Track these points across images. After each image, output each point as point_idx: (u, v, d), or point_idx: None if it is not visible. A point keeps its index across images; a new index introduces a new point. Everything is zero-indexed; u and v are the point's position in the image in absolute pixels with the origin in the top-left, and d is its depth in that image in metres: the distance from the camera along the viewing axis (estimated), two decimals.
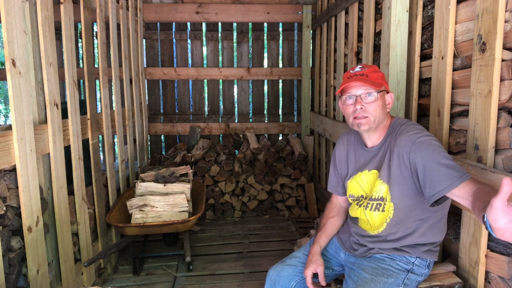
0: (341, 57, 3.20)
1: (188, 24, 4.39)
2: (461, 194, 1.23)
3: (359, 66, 1.51)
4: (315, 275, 1.58)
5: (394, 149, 1.44)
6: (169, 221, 2.52)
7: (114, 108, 3.04)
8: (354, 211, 1.61)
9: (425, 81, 2.04)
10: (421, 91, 2.07)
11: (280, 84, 4.52)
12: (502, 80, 1.45)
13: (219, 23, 4.41)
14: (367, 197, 1.55)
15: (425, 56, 2.02)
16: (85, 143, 2.44)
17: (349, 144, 1.68)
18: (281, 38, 4.45)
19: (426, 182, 1.32)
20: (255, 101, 4.57)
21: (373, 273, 1.46)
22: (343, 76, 1.53)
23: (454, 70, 1.75)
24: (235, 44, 4.43)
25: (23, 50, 1.66)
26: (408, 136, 1.40)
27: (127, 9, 3.44)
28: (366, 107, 1.45)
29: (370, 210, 1.52)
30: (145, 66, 4.29)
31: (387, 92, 1.52)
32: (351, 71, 1.51)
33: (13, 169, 1.68)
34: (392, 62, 2.07)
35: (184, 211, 2.70)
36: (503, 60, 1.44)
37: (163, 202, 2.67)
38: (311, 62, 4.38)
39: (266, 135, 4.51)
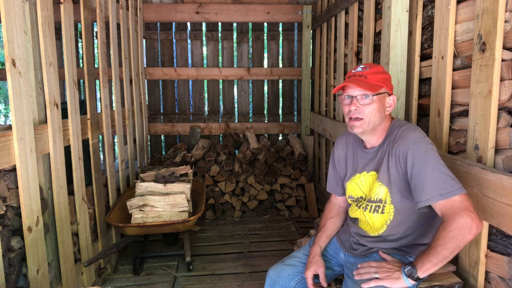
0: (341, 57, 3.20)
1: (188, 24, 4.39)
2: (438, 210, 1.31)
3: (361, 66, 1.50)
4: (315, 276, 1.58)
5: (392, 152, 1.44)
6: (169, 221, 2.52)
7: (114, 108, 3.04)
8: (354, 212, 1.61)
9: (425, 81, 2.04)
10: (421, 91, 2.07)
11: (280, 84, 4.52)
12: (502, 80, 1.44)
13: (219, 23, 4.41)
14: (366, 198, 1.55)
15: (425, 56, 2.02)
16: (85, 143, 2.44)
17: (348, 145, 1.68)
18: (281, 38, 4.45)
19: (412, 190, 1.37)
20: (255, 101, 4.56)
21: None
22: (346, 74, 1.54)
23: (454, 70, 1.75)
24: (235, 44, 4.43)
25: (23, 50, 1.66)
26: (406, 140, 1.40)
27: (127, 9, 3.44)
28: (361, 109, 1.45)
29: (369, 211, 1.52)
30: (145, 66, 4.29)
31: (389, 94, 1.49)
32: (352, 71, 1.51)
33: (13, 169, 1.68)
34: (392, 62, 2.07)
35: (184, 211, 2.70)
36: (503, 60, 1.44)
37: (163, 202, 2.67)
38: (311, 62, 4.37)
39: (266, 135, 4.51)
